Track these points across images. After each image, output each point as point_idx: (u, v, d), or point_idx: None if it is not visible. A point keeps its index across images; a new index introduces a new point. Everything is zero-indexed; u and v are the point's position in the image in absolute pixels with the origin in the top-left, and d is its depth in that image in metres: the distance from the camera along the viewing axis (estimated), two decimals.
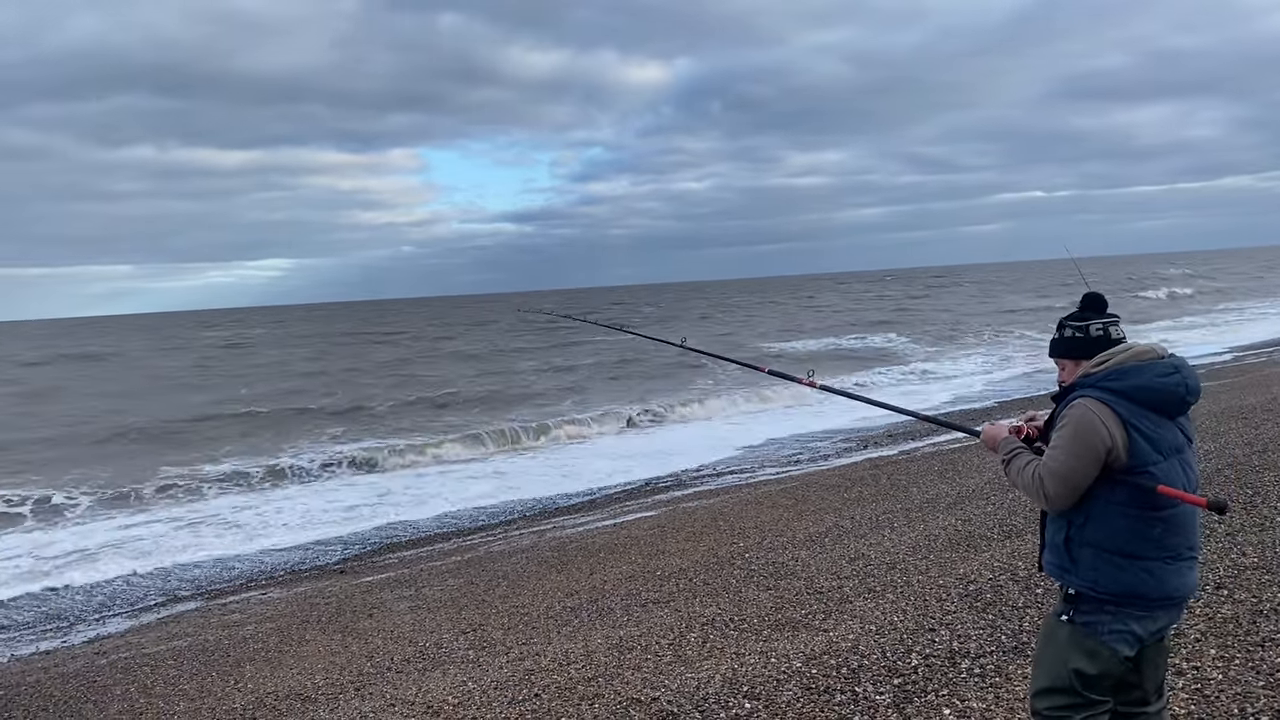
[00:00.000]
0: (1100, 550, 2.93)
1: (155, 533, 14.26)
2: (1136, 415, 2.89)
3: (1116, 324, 3.08)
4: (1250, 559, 5.85)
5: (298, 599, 10.11)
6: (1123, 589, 2.90)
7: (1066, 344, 3.12)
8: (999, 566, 6.64)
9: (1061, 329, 3.15)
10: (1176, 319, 43.09)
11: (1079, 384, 3.02)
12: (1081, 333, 3.08)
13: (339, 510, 15.19)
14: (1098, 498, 2.92)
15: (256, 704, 6.81)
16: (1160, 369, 2.95)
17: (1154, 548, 2.90)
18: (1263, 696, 4.02)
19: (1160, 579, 2.91)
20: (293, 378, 39.01)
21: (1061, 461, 2.91)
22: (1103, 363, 3.01)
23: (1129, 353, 3.00)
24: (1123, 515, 2.90)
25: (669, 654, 6.08)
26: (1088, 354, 3.06)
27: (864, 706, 4.61)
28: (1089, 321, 3.08)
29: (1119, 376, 2.94)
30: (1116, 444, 2.86)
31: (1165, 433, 2.92)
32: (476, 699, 5.81)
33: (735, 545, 9.27)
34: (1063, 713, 3.00)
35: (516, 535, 12.16)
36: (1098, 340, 3.05)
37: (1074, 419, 2.91)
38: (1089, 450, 2.87)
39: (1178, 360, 3.01)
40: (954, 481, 10.56)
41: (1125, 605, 2.92)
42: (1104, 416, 2.87)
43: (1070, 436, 2.90)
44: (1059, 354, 3.16)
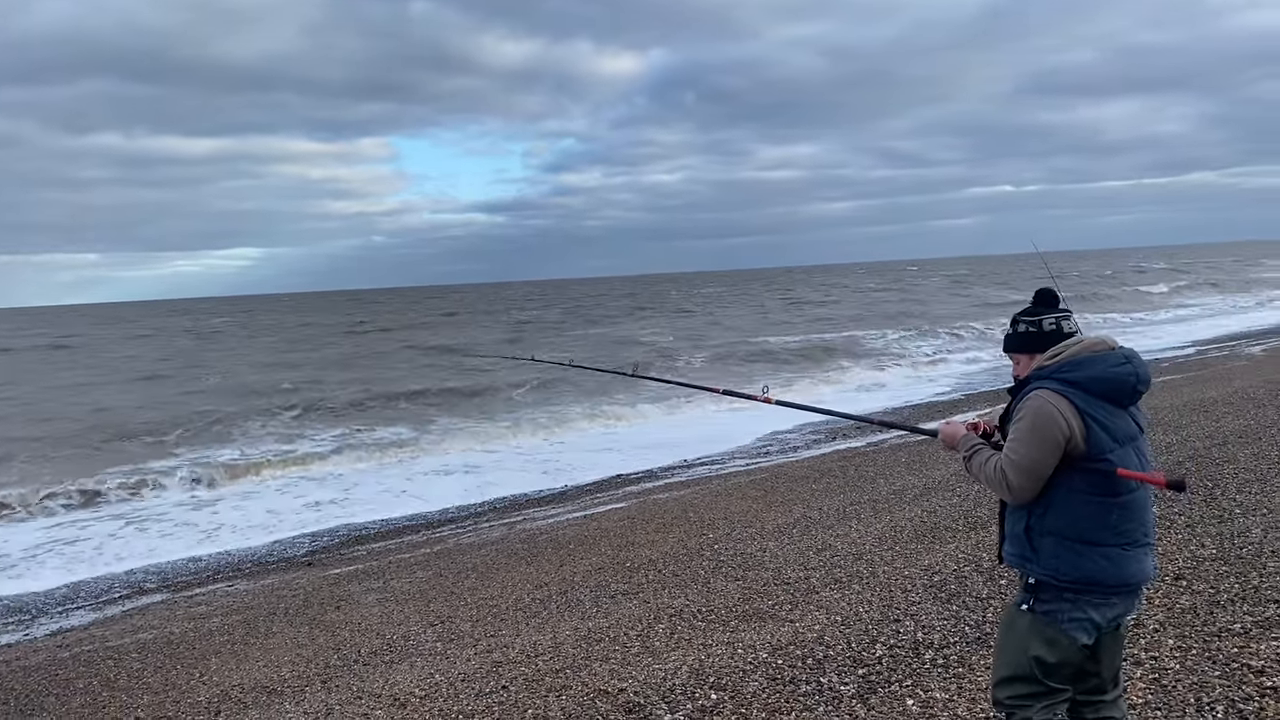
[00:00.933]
0: (1060, 538, 2.98)
1: (105, 531, 13.94)
2: (1092, 405, 2.95)
3: (1069, 318, 3.15)
4: (1209, 550, 5.95)
5: (264, 591, 10.04)
6: (1083, 576, 2.96)
7: (1020, 339, 3.18)
8: (963, 558, 6.71)
9: (1015, 324, 3.21)
10: (1202, 306, 44.16)
11: (1034, 377, 3.08)
12: (1035, 327, 3.14)
13: (303, 505, 14.97)
14: (1057, 487, 2.97)
15: (221, 696, 6.76)
16: (1112, 359, 3.02)
17: (1112, 534, 2.96)
18: (1218, 686, 4.09)
19: (1119, 565, 2.97)
20: (258, 370, 38.62)
21: (1022, 454, 2.96)
22: (1056, 355, 3.07)
23: (1081, 345, 3.07)
24: (1082, 503, 2.96)
25: (637, 645, 6.10)
26: (1041, 348, 3.12)
27: (829, 697, 4.65)
28: (1042, 316, 3.15)
29: (1073, 368, 3.01)
30: (1075, 433, 2.92)
31: (1119, 421, 2.99)
32: (444, 691, 5.80)
33: (704, 536, 9.31)
34: (1024, 701, 3.05)
35: (486, 527, 12.14)
36: (1050, 334, 3.11)
37: (1032, 411, 2.96)
38: (1049, 440, 2.92)
39: (1128, 351, 3.08)
40: (920, 473, 10.65)
41: (1084, 593, 2.97)
42: (1061, 407, 2.93)
43: (1029, 428, 2.95)
44: (1013, 349, 3.22)
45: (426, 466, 17.79)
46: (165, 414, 25.55)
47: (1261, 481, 7.53)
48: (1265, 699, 3.91)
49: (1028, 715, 3.04)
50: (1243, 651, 4.37)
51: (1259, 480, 7.59)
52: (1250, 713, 3.82)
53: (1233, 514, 6.74)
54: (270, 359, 44.34)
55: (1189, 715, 3.88)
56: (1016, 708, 3.06)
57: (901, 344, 35.47)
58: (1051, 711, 3.04)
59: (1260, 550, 5.76)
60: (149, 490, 16.64)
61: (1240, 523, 6.47)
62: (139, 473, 17.79)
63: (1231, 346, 24.75)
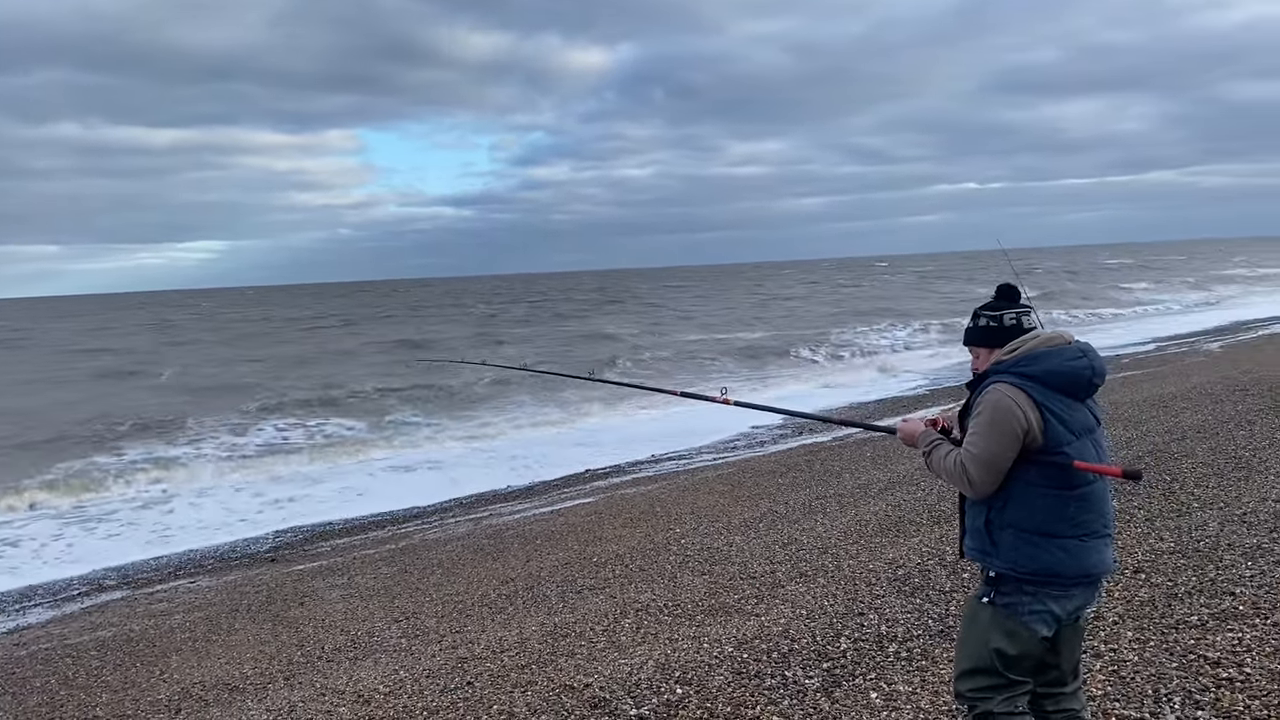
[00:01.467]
0: (1020, 531, 3.01)
1: (48, 532, 13.59)
2: (1049, 398, 2.98)
3: (1029, 313, 3.18)
4: (1167, 544, 6.03)
5: (227, 587, 9.94)
6: (1042, 568, 2.99)
7: (980, 333, 3.21)
8: (927, 551, 6.76)
9: (976, 318, 3.23)
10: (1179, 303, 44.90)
11: (992, 371, 3.11)
12: (995, 321, 3.16)
13: (261, 503, 14.73)
14: (1016, 480, 3.00)
15: (182, 695, 6.68)
16: (1069, 353, 3.05)
17: (1070, 526, 2.99)
18: (1175, 678, 4.14)
19: (1077, 557, 3.00)
20: (217, 365, 38.07)
21: (982, 447, 2.98)
22: (1013, 350, 3.10)
23: (1039, 339, 3.10)
24: (1041, 495, 2.99)
25: (603, 640, 6.09)
26: (1000, 342, 3.15)
27: (793, 690, 4.67)
28: (1003, 311, 3.17)
29: (1030, 362, 3.04)
30: (1033, 426, 2.95)
31: (1077, 414, 3.02)
32: (408, 687, 5.77)
33: (671, 531, 9.32)
34: (985, 694, 3.07)
35: (452, 523, 12.08)
36: (1010, 329, 3.14)
37: (990, 404, 2.99)
38: (1007, 433, 2.95)
39: (1084, 345, 3.11)
40: (885, 468, 10.72)
41: (1044, 585, 3.00)
42: (1019, 400, 2.96)
43: (988, 422, 2.98)
44: (973, 342, 3.24)
45: (388, 464, 17.59)
46: (116, 410, 25.11)
47: (1219, 476, 7.65)
48: (1221, 690, 3.97)
49: (989, 708, 3.06)
50: (1199, 643, 4.44)
51: (1216, 475, 7.71)
52: (1206, 703, 3.88)
53: (1190, 508, 6.84)
54: (229, 354, 43.79)
55: (1147, 706, 3.93)
56: (978, 700, 3.08)
57: (869, 339, 35.71)
58: (1012, 704, 3.07)
59: (1217, 543, 5.85)
60: (97, 489, 16.17)
61: (1198, 516, 6.57)
62: (86, 471, 17.40)
63: (1190, 343, 25.14)
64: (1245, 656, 4.23)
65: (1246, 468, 7.79)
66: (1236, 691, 3.93)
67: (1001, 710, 3.05)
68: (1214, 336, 26.20)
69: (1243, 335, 25.36)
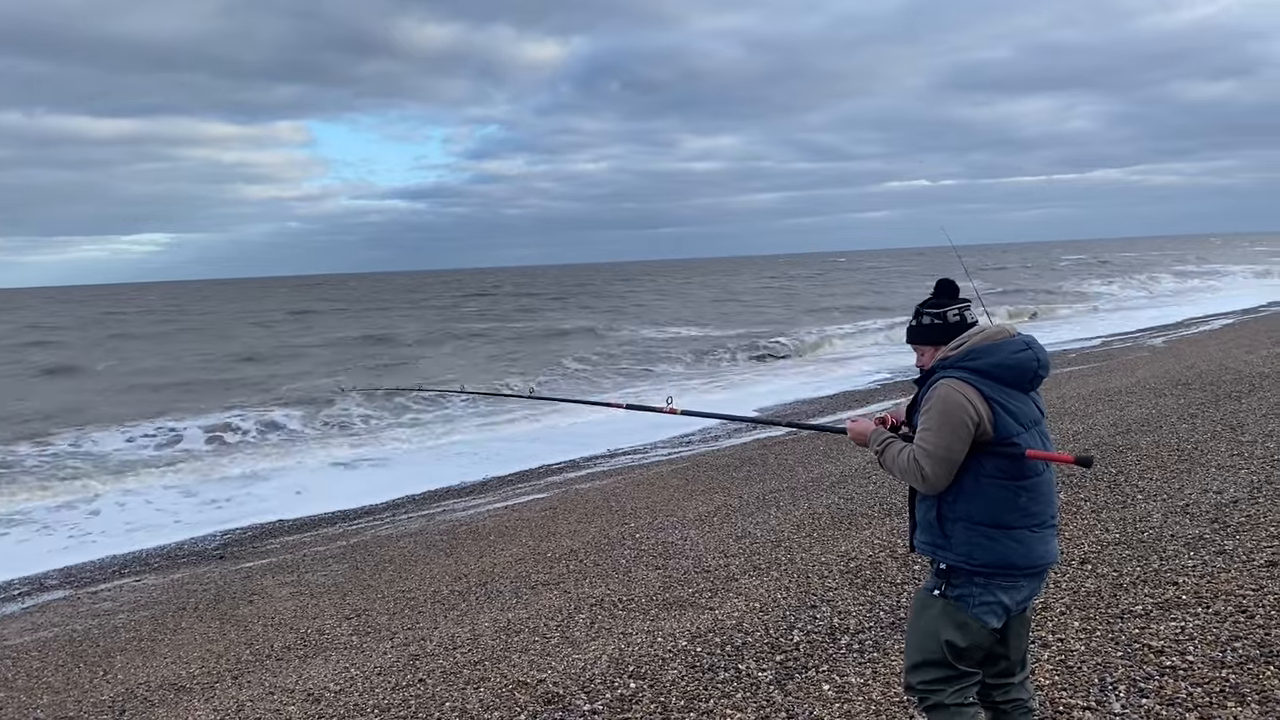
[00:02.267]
0: (971, 524, 3.03)
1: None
2: (997, 391, 3.01)
3: (969, 308, 3.20)
4: (1113, 535, 6.13)
5: (174, 586, 9.76)
6: (995, 559, 3.01)
7: (924, 331, 3.22)
8: (879, 544, 6.81)
9: (919, 316, 3.24)
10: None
11: (939, 367, 3.12)
12: (939, 319, 3.18)
13: (199, 504, 14.28)
14: (967, 473, 3.02)
15: (126, 695, 6.55)
16: (1013, 346, 3.09)
17: (1021, 516, 3.02)
18: (1120, 666, 4.21)
19: (1028, 547, 3.03)
20: (157, 359, 37.22)
21: (934, 442, 2.99)
22: (959, 345, 3.12)
23: (983, 334, 3.13)
24: (992, 487, 3.01)
25: (557, 636, 6.07)
26: (945, 339, 3.16)
27: (747, 683, 4.68)
28: (946, 308, 3.18)
29: (976, 356, 3.07)
30: (983, 419, 2.97)
31: (1024, 406, 3.06)
32: (359, 685, 5.70)
33: (626, 526, 9.31)
34: (936, 686, 3.09)
35: (405, 519, 11.96)
36: (955, 325, 3.16)
37: (940, 399, 3.01)
38: (960, 427, 2.97)
39: (1028, 338, 3.14)
40: (838, 461, 10.80)
41: (995, 577, 3.03)
42: (968, 394, 2.98)
43: (939, 417, 2.99)
44: (917, 340, 3.25)
45: (331, 461, 17.16)
46: (48, 407, 24.44)
47: (1162, 468, 7.80)
48: (1165, 678, 4.04)
49: (940, 699, 3.08)
50: (1144, 632, 4.52)
51: (1160, 467, 7.86)
52: (1150, 691, 3.94)
53: (1135, 499, 6.97)
54: (169, 349, 42.89)
55: (1093, 695, 3.99)
56: (929, 692, 3.10)
57: (827, 336, 35.89)
58: (962, 695, 3.09)
59: (1160, 534, 5.96)
60: (16, 490, 15.49)
61: (1142, 508, 6.70)
62: (10, 470, 16.81)
63: (1135, 338, 25.63)
64: (1188, 645, 4.31)
65: (1189, 460, 7.96)
66: (1180, 679, 4.00)
67: (952, 702, 3.07)
68: (1158, 333, 26.73)
69: (1185, 331, 25.91)
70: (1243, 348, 17.36)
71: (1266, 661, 4.04)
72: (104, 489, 15.54)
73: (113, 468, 17.11)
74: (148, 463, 17.52)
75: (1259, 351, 15.93)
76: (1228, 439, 8.54)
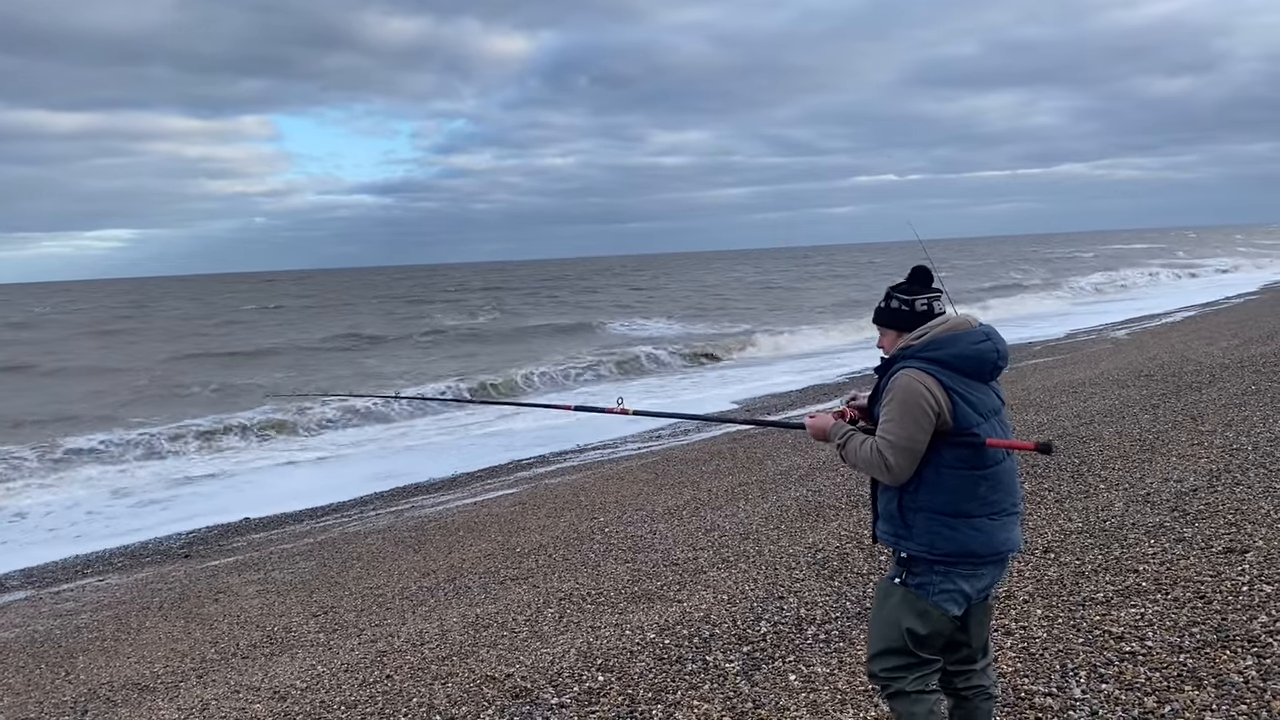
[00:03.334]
0: (932, 513, 3.05)
1: None
2: (956, 381, 3.03)
3: (940, 298, 3.19)
4: (1075, 524, 6.21)
5: (138, 585, 9.65)
6: (956, 548, 3.04)
7: (891, 314, 3.21)
8: (845, 535, 6.86)
9: (889, 298, 3.22)
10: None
11: (899, 356, 3.13)
12: (907, 306, 3.17)
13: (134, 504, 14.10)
14: (928, 463, 3.04)
15: (89, 695, 6.47)
16: (973, 336, 3.10)
17: (981, 505, 3.05)
18: (1081, 653, 4.27)
19: (989, 535, 3.06)
20: (111, 358, 36.42)
21: (897, 433, 3.01)
22: (921, 335, 3.12)
23: (944, 325, 3.13)
24: (952, 477, 3.03)
25: (525, 630, 6.06)
26: (909, 326, 3.16)
27: (714, 675, 4.69)
28: (915, 296, 3.17)
29: (937, 347, 3.08)
30: (943, 409, 2.99)
31: (983, 396, 3.08)
32: (326, 682, 5.66)
33: (595, 520, 9.31)
34: (897, 673, 3.12)
35: (373, 515, 11.90)
36: (921, 315, 3.15)
37: (901, 389, 3.02)
38: (921, 417, 2.98)
39: (988, 328, 3.16)
40: (806, 454, 10.85)
41: (956, 565, 3.06)
42: (928, 384, 3.00)
43: (900, 408, 3.01)
44: (882, 322, 3.24)
45: (290, 459, 17.06)
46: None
47: (1124, 458, 7.90)
48: (1124, 663, 4.10)
49: (901, 687, 3.11)
50: (1104, 619, 4.58)
51: (1122, 457, 7.96)
52: (1110, 676, 4.00)
53: (1098, 489, 7.06)
54: (123, 347, 42.04)
55: (1055, 681, 4.04)
56: (890, 680, 3.13)
57: (799, 330, 36.00)
58: (924, 682, 3.12)
59: (1122, 523, 6.04)
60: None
61: (1104, 497, 6.78)
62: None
63: (1099, 331, 25.93)
64: (1147, 631, 4.38)
65: (1150, 450, 8.07)
66: (1139, 665, 4.06)
67: (913, 689, 3.10)
68: (1121, 325, 27.07)
69: (1148, 324, 26.25)
70: (1203, 340, 17.63)
71: (1223, 646, 4.11)
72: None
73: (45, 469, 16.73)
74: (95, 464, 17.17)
75: (1219, 343, 16.18)
76: (1188, 429, 8.67)
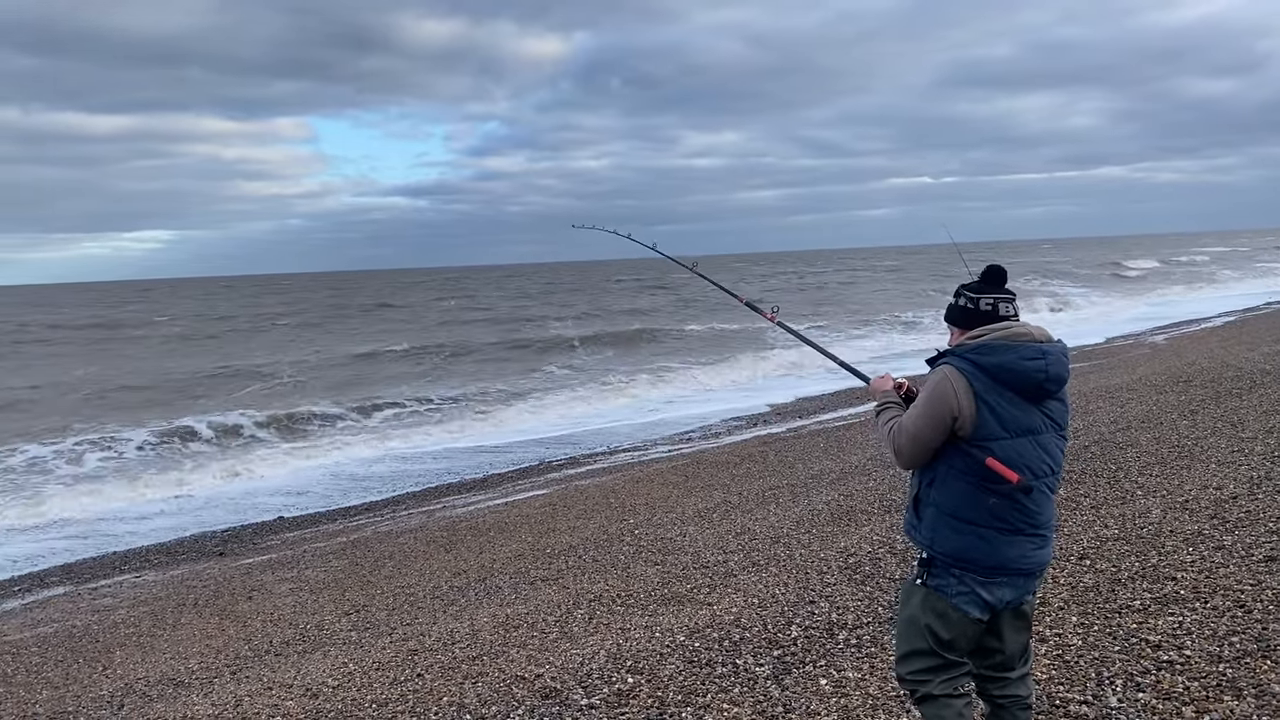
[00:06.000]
0: (940, 512, 3.06)
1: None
2: (991, 391, 2.95)
3: (1010, 301, 3.11)
4: (1111, 530, 6.12)
5: (173, 582, 9.77)
6: (956, 551, 3.02)
7: (957, 311, 3.16)
8: (878, 540, 6.80)
9: (957, 296, 3.18)
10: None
11: (949, 351, 3.09)
12: (972, 304, 3.11)
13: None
14: (944, 462, 3.04)
15: (125, 690, 6.55)
16: (1027, 352, 2.98)
17: (988, 517, 3.00)
18: (1118, 661, 4.21)
19: (994, 547, 3.00)
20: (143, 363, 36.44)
21: (914, 421, 3.03)
22: (978, 336, 3.06)
23: (1004, 331, 3.03)
24: (961, 482, 3.01)
25: (555, 631, 6.07)
26: (970, 325, 3.10)
27: (744, 678, 4.67)
28: (981, 295, 3.11)
29: (985, 352, 2.99)
30: (964, 414, 2.94)
31: (1019, 413, 2.98)
32: (357, 680, 5.70)
33: (625, 522, 9.31)
34: (924, 676, 3.09)
35: (405, 515, 11.97)
36: (985, 314, 3.08)
37: (932, 384, 3.02)
38: (937, 415, 2.97)
39: (1048, 347, 3.03)
40: (838, 458, 10.80)
41: (966, 570, 3.03)
42: (958, 386, 2.96)
43: (925, 399, 3.01)
44: (949, 319, 3.21)
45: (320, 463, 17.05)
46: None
47: (1161, 464, 7.79)
48: (1161, 672, 4.03)
49: (929, 690, 3.08)
50: (1141, 627, 4.51)
51: (1159, 463, 7.84)
52: (1147, 685, 3.94)
53: (1134, 495, 6.96)
54: (149, 352, 42.07)
55: (1090, 689, 3.99)
56: (918, 684, 3.10)
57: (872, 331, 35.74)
58: (952, 685, 3.08)
59: (1159, 530, 5.95)
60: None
61: (1141, 504, 6.68)
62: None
63: (1137, 336, 25.61)
64: (1185, 639, 4.30)
65: (1189, 456, 7.94)
66: (1177, 674, 4.00)
67: (940, 692, 3.07)
68: (1160, 331, 26.70)
69: (1187, 329, 25.88)
70: (1244, 345, 17.34)
71: (1263, 656, 4.03)
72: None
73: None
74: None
75: (1260, 349, 15.90)
76: (1228, 435, 8.52)
